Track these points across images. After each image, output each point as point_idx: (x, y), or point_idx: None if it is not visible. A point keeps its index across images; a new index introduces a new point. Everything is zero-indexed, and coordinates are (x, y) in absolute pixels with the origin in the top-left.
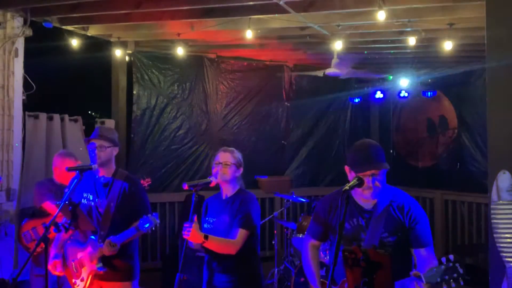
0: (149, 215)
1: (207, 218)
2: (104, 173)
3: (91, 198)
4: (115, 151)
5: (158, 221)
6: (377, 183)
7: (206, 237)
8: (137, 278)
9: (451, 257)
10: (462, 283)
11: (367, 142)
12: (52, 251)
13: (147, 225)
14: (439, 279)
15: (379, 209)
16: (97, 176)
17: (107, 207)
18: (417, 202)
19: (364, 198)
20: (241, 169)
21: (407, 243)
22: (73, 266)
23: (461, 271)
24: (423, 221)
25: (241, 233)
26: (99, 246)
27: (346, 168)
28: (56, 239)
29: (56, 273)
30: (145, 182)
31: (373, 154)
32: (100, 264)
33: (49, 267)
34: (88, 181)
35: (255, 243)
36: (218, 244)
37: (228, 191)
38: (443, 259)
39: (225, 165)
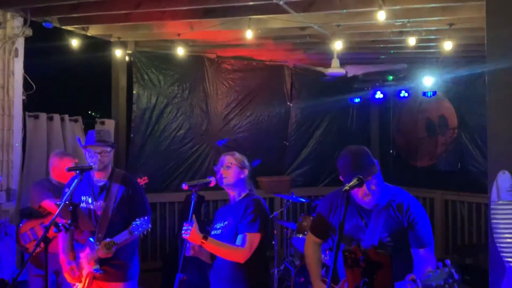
0: (145, 217)
1: (215, 225)
2: (101, 175)
3: (90, 201)
4: (112, 153)
5: (149, 225)
6: (373, 187)
7: (205, 238)
8: (135, 279)
9: (448, 262)
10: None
11: (347, 152)
12: (62, 256)
13: (139, 229)
14: (434, 284)
15: (378, 209)
16: (94, 179)
17: (105, 210)
18: (417, 201)
19: (366, 202)
20: (245, 171)
21: (407, 243)
22: (74, 267)
23: (456, 276)
24: (422, 221)
25: (250, 238)
26: (96, 248)
27: (341, 177)
28: (62, 246)
29: (75, 280)
30: (142, 181)
31: (356, 163)
32: (97, 266)
33: (65, 275)
34: (85, 184)
35: (262, 249)
36: (220, 248)
37: (235, 195)
38: (440, 264)
39: (226, 167)
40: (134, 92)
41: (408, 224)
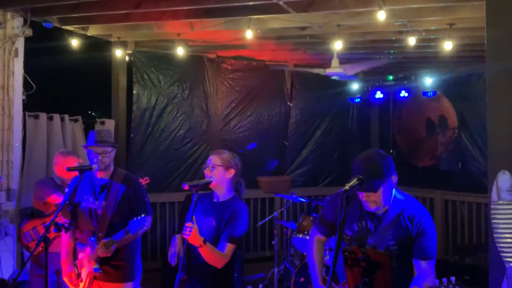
0: (142, 215)
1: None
2: (103, 174)
3: (91, 201)
4: (114, 153)
5: (145, 224)
6: (372, 198)
7: (204, 242)
8: (137, 279)
9: (453, 279)
10: None
11: (364, 156)
12: (64, 259)
13: (134, 227)
14: None
15: (390, 217)
16: (96, 178)
17: (105, 209)
18: (428, 213)
19: (369, 207)
20: (232, 171)
21: (412, 254)
22: (76, 266)
23: None
24: (430, 234)
25: (230, 248)
26: (96, 247)
27: None
28: (65, 248)
29: (73, 285)
30: (143, 181)
31: (362, 173)
32: (97, 266)
33: (64, 279)
34: (88, 183)
35: (237, 255)
36: (211, 254)
37: (220, 194)
38: (444, 280)
39: (211, 168)
40: (134, 92)
41: (416, 234)
